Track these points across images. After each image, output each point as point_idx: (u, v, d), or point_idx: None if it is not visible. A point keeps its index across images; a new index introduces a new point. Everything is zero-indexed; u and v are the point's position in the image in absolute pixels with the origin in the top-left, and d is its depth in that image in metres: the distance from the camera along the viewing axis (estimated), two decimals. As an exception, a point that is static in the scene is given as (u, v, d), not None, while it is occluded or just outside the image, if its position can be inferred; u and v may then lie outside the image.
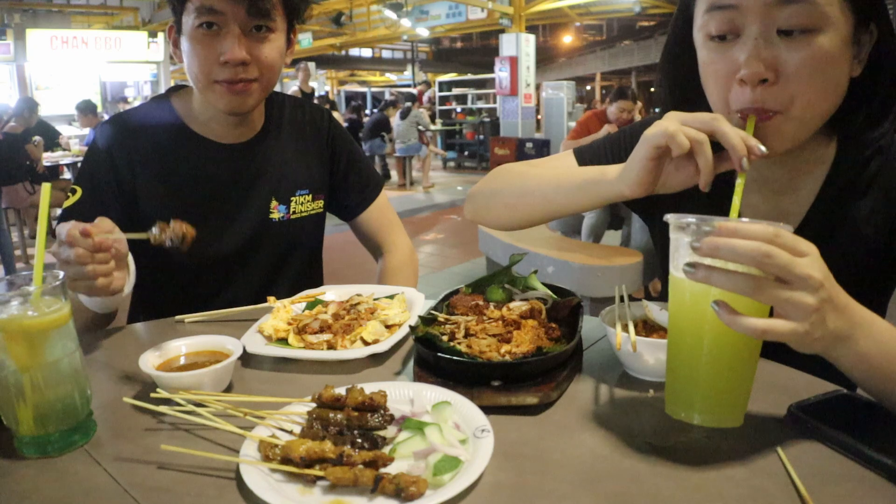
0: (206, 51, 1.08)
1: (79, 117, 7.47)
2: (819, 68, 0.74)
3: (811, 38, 0.73)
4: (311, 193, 1.33)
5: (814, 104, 0.76)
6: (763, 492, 0.57)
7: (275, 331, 0.94)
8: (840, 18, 0.74)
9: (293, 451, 0.60)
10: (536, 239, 3.91)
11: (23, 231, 6.21)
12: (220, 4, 1.06)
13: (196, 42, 1.08)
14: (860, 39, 0.78)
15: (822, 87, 0.75)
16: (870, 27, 0.79)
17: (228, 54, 1.07)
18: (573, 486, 0.59)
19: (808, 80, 0.74)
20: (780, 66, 0.74)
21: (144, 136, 1.20)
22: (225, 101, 1.13)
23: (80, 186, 1.17)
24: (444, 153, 13.68)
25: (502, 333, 0.84)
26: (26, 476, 0.64)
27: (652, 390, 0.78)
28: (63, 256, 0.86)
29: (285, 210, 1.29)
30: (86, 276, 0.86)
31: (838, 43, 0.74)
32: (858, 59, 0.79)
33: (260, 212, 1.26)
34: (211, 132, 1.22)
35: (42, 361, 0.66)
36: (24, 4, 12.14)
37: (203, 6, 1.06)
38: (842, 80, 0.77)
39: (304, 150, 1.33)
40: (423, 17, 14.66)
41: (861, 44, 0.79)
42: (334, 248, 6.71)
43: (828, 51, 0.73)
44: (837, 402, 0.71)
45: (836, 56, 0.75)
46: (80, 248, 0.85)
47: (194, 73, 1.12)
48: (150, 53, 12.53)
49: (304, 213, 1.32)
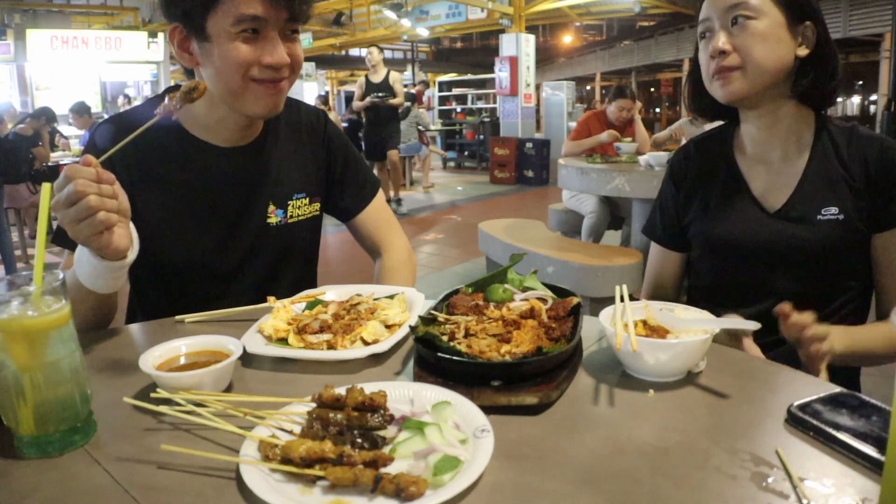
0: (247, 55, 1.07)
1: (74, 119, 7.46)
2: (758, 40, 1.10)
3: (749, 22, 1.11)
4: (308, 197, 1.32)
5: (757, 62, 1.11)
6: (763, 492, 0.58)
7: (275, 331, 0.94)
8: (772, 10, 1.11)
9: (293, 451, 0.60)
10: (536, 239, 3.91)
11: (23, 231, 6.22)
12: (264, 11, 1.04)
13: (236, 47, 1.06)
14: (799, 30, 1.13)
15: (762, 52, 1.10)
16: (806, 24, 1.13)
17: (274, 58, 1.07)
18: (573, 486, 0.59)
19: (750, 47, 1.11)
20: (733, 42, 1.13)
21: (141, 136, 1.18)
22: (262, 103, 1.12)
23: None
24: (445, 153, 13.69)
25: (502, 333, 0.84)
26: (26, 476, 0.64)
27: (652, 390, 0.78)
28: (64, 194, 0.82)
29: (283, 214, 1.28)
30: (90, 211, 0.83)
31: (771, 25, 1.10)
32: (807, 44, 1.14)
33: (258, 216, 1.25)
34: (211, 135, 1.21)
35: (42, 361, 0.66)
36: (24, 4, 12.14)
37: (246, 15, 1.04)
38: (780, 52, 1.11)
39: (301, 153, 1.33)
40: (423, 17, 14.64)
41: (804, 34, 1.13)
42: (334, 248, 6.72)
43: (762, 30, 1.10)
44: (837, 402, 0.71)
45: (771, 34, 1.10)
46: (82, 178, 0.82)
47: (230, 75, 1.09)
48: (150, 53, 12.53)
49: (302, 216, 1.31)
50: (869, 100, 22.88)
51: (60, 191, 0.83)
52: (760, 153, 1.24)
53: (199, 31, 1.07)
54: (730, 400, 0.75)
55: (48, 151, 6.37)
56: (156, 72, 12.88)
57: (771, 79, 1.13)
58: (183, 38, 1.11)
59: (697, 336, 0.80)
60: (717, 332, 0.81)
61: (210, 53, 1.08)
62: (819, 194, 1.16)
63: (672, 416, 0.72)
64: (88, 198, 0.83)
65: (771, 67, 1.12)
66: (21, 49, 10.90)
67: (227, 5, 1.03)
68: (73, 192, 0.82)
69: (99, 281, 0.95)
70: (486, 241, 4.25)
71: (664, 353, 0.78)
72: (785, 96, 1.17)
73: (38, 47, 11.04)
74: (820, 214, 1.15)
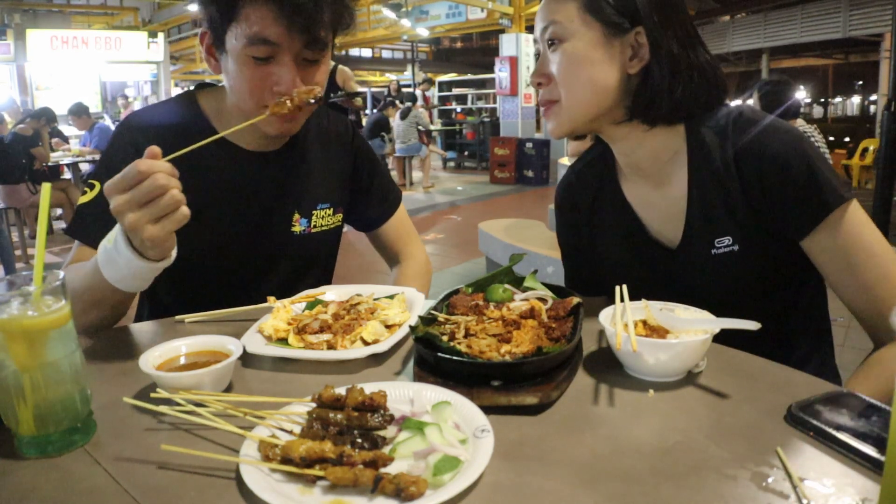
0: (258, 78, 1.03)
1: (73, 120, 7.47)
2: (570, 67, 0.96)
3: (560, 46, 0.97)
4: (332, 207, 1.30)
5: (572, 94, 0.97)
6: (763, 492, 0.57)
7: (275, 331, 0.94)
8: (583, 28, 0.95)
9: (293, 451, 0.60)
10: (536, 239, 3.91)
11: (23, 231, 6.22)
12: (277, 35, 0.99)
13: (247, 68, 1.02)
14: (627, 41, 0.95)
15: (576, 81, 0.96)
16: (634, 31, 0.95)
17: (283, 87, 1.02)
18: (573, 486, 0.59)
19: (563, 77, 0.97)
20: (552, 68, 0.99)
21: (171, 132, 1.13)
22: (274, 129, 1.10)
23: (98, 181, 1.09)
24: (445, 153, 13.69)
25: (502, 333, 0.84)
26: (26, 476, 0.64)
27: (652, 390, 0.78)
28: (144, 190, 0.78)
29: (307, 224, 1.26)
30: (176, 205, 0.80)
31: (584, 47, 0.95)
32: (638, 58, 0.96)
33: (282, 224, 1.23)
34: (240, 138, 1.17)
35: (42, 361, 0.66)
36: (24, 4, 12.14)
37: (257, 36, 0.99)
38: (596, 76, 0.96)
39: (328, 162, 1.30)
40: (423, 17, 14.65)
41: (634, 45, 0.96)
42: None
43: (573, 54, 0.96)
44: (837, 402, 0.71)
45: (584, 58, 0.95)
46: (162, 172, 0.79)
47: (241, 96, 1.06)
48: (150, 53, 12.54)
49: (325, 226, 1.29)
50: (869, 100, 22.89)
51: (131, 186, 0.79)
52: (639, 179, 1.08)
53: (220, 42, 1.05)
54: (730, 400, 0.75)
55: (48, 151, 6.37)
56: (156, 72, 12.89)
57: (594, 109, 0.98)
58: (210, 44, 1.08)
59: (697, 336, 0.80)
60: (717, 331, 0.81)
61: (226, 67, 1.06)
62: (708, 222, 0.99)
63: (672, 416, 0.72)
64: (172, 192, 0.80)
65: (588, 97, 0.97)
66: (21, 49, 10.92)
67: (244, 23, 0.99)
68: (157, 185, 0.79)
69: (136, 281, 0.92)
70: (486, 241, 4.25)
71: (664, 353, 0.78)
72: (626, 120, 1.00)
73: (38, 47, 11.05)
74: (714, 248, 0.99)
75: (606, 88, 0.96)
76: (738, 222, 0.97)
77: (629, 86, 0.98)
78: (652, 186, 1.06)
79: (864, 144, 9.78)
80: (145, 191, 0.79)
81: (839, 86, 24.83)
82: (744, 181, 0.96)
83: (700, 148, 1.00)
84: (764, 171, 0.94)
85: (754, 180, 0.95)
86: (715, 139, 0.99)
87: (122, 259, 0.87)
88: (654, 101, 0.97)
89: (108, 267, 0.90)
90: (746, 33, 14.69)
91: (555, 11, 0.97)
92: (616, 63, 0.96)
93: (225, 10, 1.01)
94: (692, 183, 1.01)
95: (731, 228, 0.98)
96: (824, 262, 0.95)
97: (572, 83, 0.97)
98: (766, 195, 0.94)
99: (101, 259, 0.91)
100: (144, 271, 0.89)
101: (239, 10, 1.00)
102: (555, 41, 0.97)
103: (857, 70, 22.11)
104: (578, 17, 0.95)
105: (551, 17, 0.97)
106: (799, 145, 0.92)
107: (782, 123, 0.96)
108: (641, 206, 1.09)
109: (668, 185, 1.04)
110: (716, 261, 0.99)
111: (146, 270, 0.89)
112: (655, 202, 1.06)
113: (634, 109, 0.98)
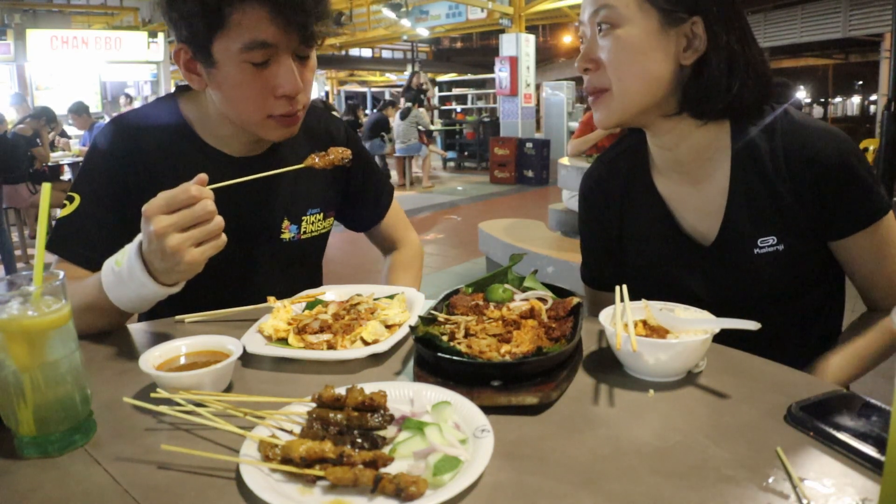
0: (260, 85, 1.00)
1: (73, 119, 7.48)
2: (623, 55, 0.92)
3: (613, 32, 0.92)
4: (323, 212, 1.29)
5: (624, 84, 0.94)
6: (763, 492, 0.57)
7: (275, 331, 0.94)
8: (640, 14, 0.91)
9: (293, 451, 0.60)
10: (536, 239, 3.91)
11: (23, 231, 6.22)
12: (275, 37, 0.97)
13: (246, 76, 1.00)
14: (682, 31, 0.92)
15: (629, 70, 0.93)
16: (692, 20, 0.92)
17: (288, 88, 1.01)
18: (573, 486, 0.59)
19: (614, 65, 0.93)
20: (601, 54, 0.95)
21: (150, 138, 1.12)
22: (278, 134, 1.08)
23: (77, 193, 1.09)
24: (445, 153, 13.69)
25: (502, 333, 0.84)
26: (26, 476, 0.64)
27: (652, 390, 0.78)
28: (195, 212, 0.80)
29: (296, 230, 1.24)
30: (218, 231, 0.82)
31: (639, 34, 0.91)
32: (693, 49, 0.93)
33: (271, 231, 1.21)
34: (223, 144, 1.15)
35: (42, 361, 0.66)
36: (24, 4, 12.14)
37: (255, 41, 0.96)
38: (650, 66, 0.93)
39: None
40: (423, 17, 14.64)
41: (690, 35, 0.92)
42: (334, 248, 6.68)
43: (627, 41, 0.92)
44: (837, 402, 0.71)
45: (638, 46, 0.92)
46: (209, 199, 0.81)
47: (243, 107, 1.04)
48: (150, 53, 12.53)
49: (315, 232, 1.28)
50: (869, 100, 22.89)
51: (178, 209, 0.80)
52: (675, 174, 1.06)
53: (205, 55, 1.00)
54: (730, 400, 0.75)
55: (48, 151, 6.37)
56: (156, 72, 12.89)
57: (646, 99, 0.95)
58: (189, 59, 1.04)
59: (697, 336, 0.80)
60: (717, 331, 0.81)
61: (217, 79, 1.02)
62: (751, 221, 0.99)
63: (672, 416, 0.72)
64: (217, 218, 0.82)
65: (641, 88, 0.94)
66: (21, 49, 10.91)
67: (235, 30, 0.96)
68: (207, 211, 0.81)
69: (143, 304, 0.92)
70: (486, 241, 4.25)
71: (664, 353, 0.78)
72: (676, 113, 0.97)
73: (38, 47, 11.04)
74: (756, 247, 0.98)
75: (660, 79, 0.94)
76: (786, 223, 0.97)
77: (681, 77, 0.95)
78: (688, 182, 1.04)
79: (864, 144, 9.78)
80: (195, 214, 0.81)
81: (839, 86, 24.85)
82: (796, 182, 0.95)
83: (746, 146, 0.98)
84: (819, 175, 0.94)
85: (808, 183, 0.95)
86: (763, 137, 0.98)
87: (134, 282, 0.87)
88: (708, 95, 0.94)
89: (115, 289, 0.90)
90: (746, 33, 14.67)
91: None
92: (671, 53, 0.93)
93: (211, 20, 0.96)
94: (736, 180, 0.99)
95: (778, 228, 0.98)
96: (856, 258, 0.98)
97: (625, 72, 0.93)
98: (819, 198, 0.95)
99: (106, 281, 0.91)
100: (155, 295, 0.90)
101: (227, 17, 0.96)
102: (607, 26, 0.93)
103: (857, 70, 22.12)
104: (635, 3, 0.91)
105: (605, 1, 0.93)
106: (852, 151, 0.94)
107: (833, 128, 0.97)
108: (675, 200, 1.07)
109: (706, 181, 1.02)
110: (758, 260, 0.99)
111: (157, 295, 0.89)
112: (690, 198, 1.05)
113: (686, 103, 0.95)
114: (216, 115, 1.12)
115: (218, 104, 1.08)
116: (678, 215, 1.07)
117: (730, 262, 1.02)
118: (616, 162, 1.16)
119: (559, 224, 4.77)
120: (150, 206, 0.82)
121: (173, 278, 0.87)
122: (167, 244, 0.81)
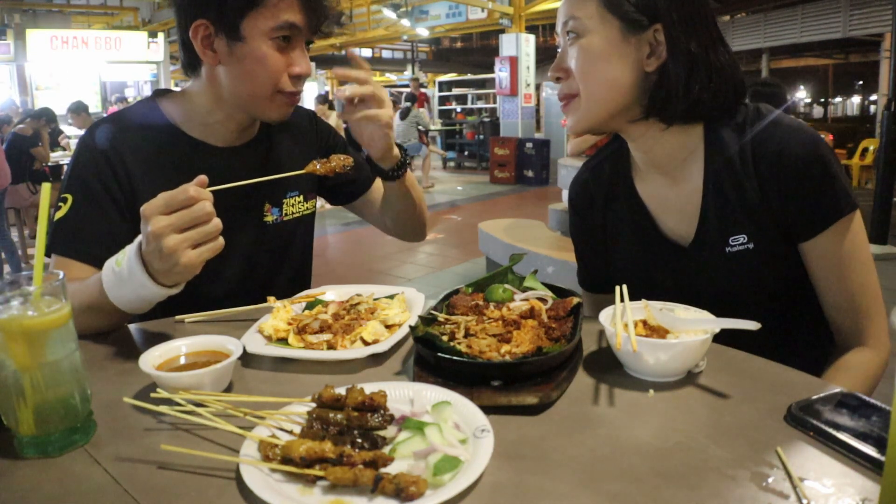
0: (280, 62, 1.09)
1: (73, 119, 7.50)
2: (586, 63, 0.96)
3: (577, 41, 0.96)
4: (302, 195, 1.34)
5: (589, 91, 0.97)
6: (763, 492, 0.58)
7: (275, 331, 0.94)
8: (601, 24, 0.95)
9: (293, 451, 0.60)
10: (536, 239, 3.91)
11: (23, 231, 6.22)
12: (301, 20, 1.08)
13: (270, 53, 1.08)
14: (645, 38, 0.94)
15: (592, 78, 0.96)
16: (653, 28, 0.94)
17: (303, 68, 1.11)
18: (573, 486, 0.59)
19: (579, 73, 0.97)
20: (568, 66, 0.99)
21: (138, 136, 1.16)
22: (282, 112, 1.15)
23: (69, 194, 1.10)
24: (445, 153, 13.69)
25: (502, 333, 0.84)
26: (26, 476, 0.64)
27: (652, 390, 0.78)
28: (193, 213, 0.81)
29: (278, 213, 1.29)
30: (217, 233, 0.83)
31: (601, 43, 0.95)
32: (656, 56, 0.95)
33: (255, 215, 1.26)
34: (208, 135, 1.20)
35: (42, 361, 0.66)
36: (24, 4, 12.15)
37: (287, 22, 1.06)
38: (612, 74, 0.96)
39: (295, 152, 1.34)
40: (423, 17, 14.64)
41: (653, 42, 0.95)
42: (334, 248, 6.74)
43: (590, 50, 0.95)
44: (837, 402, 0.71)
45: (600, 54, 0.95)
46: (208, 200, 0.82)
47: (260, 80, 1.09)
48: (150, 53, 12.54)
49: (296, 214, 1.33)
50: (869, 100, 22.90)
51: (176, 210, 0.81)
52: (654, 176, 1.08)
53: (232, 31, 1.06)
54: (730, 400, 0.75)
55: (48, 151, 6.37)
56: (156, 72, 12.89)
57: (611, 105, 0.98)
58: (207, 35, 1.08)
59: (697, 336, 0.80)
60: (717, 331, 0.81)
61: (239, 54, 1.08)
62: (723, 220, 1.00)
63: (672, 416, 0.72)
64: (215, 220, 0.83)
65: (606, 95, 0.97)
66: (21, 49, 10.91)
67: (271, 10, 1.05)
68: (206, 212, 0.82)
69: (143, 304, 0.93)
70: (486, 241, 4.25)
71: (664, 353, 0.78)
72: (643, 118, 0.99)
73: (38, 47, 11.05)
74: (728, 245, 0.99)
75: (622, 86, 0.96)
76: (754, 220, 0.98)
77: (646, 84, 0.97)
78: (667, 183, 1.06)
79: (864, 144, 9.79)
80: (193, 215, 0.81)
81: (839, 86, 24.83)
82: (761, 178, 0.96)
83: (718, 146, 1.00)
84: (782, 170, 0.94)
85: (772, 178, 0.95)
86: (732, 135, 0.99)
87: (133, 283, 0.88)
88: (669, 100, 0.96)
89: (115, 289, 0.91)
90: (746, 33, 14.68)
91: (575, 6, 0.97)
92: (632, 60, 0.95)
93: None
94: (708, 179, 1.00)
95: (747, 226, 0.98)
96: (819, 264, 0.97)
97: (589, 79, 0.97)
98: (783, 194, 0.95)
99: (107, 281, 0.92)
100: (155, 296, 0.90)
101: None
102: (573, 35, 0.97)
103: (857, 70, 22.12)
104: (597, 13, 0.95)
105: (571, 12, 0.97)
106: (818, 147, 0.93)
107: (801, 124, 0.97)
108: (655, 203, 1.08)
109: (683, 182, 1.04)
110: (730, 259, 0.99)
111: (157, 296, 0.90)
112: (670, 199, 1.06)
113: (650, 108, 0.98)
114: (206, 105, 1.17)
115: (226, 82, 1.12)
116: (658, 218, 1.08)
117: (705, 262, 1.02)
118: (601, 166, 1.18)
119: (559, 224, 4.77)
120: (149, 206, 0.83)
121: (172, 279, 0.88)
122: (164, 245, 0.81)
